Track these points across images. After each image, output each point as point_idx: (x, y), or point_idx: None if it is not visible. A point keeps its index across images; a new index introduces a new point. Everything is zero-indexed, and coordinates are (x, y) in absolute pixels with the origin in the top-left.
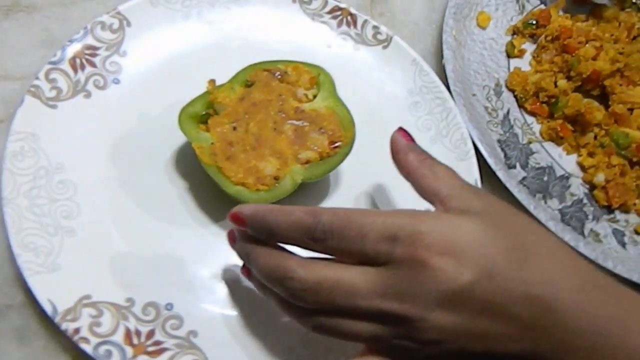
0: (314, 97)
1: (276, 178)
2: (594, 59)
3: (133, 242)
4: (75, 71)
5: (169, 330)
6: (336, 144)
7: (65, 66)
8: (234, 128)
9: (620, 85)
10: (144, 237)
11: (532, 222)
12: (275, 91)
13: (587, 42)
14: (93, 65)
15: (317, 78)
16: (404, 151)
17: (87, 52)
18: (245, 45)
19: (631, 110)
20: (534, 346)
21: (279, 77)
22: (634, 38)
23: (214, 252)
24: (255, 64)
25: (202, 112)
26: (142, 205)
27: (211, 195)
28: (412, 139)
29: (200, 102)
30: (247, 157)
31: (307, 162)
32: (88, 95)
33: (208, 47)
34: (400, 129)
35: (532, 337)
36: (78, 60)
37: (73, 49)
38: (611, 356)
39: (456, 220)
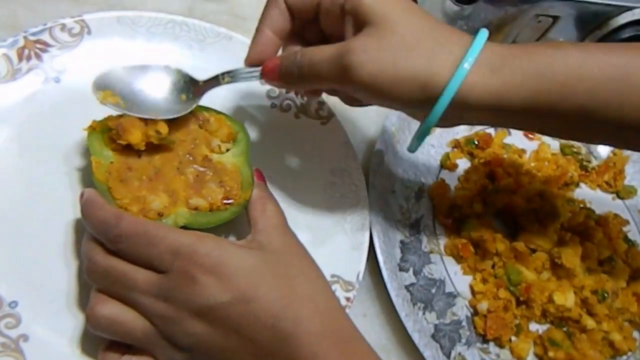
0: (227, 150)
1: (160, 214)
2: (513, 192)
3: (7, 234)
4: (20, 59)
5: (2, 328)
6: (229, 201)
7: (12, 52)
8: (139, 155)
9: (533, 224)
10: (21, 232)
11: (311, 269)
12: (192, 134)
13: (517, 176)
14: (39, 59)
15: (236, 135)
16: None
17: (38, 46)
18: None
19: (534, 251)
20: None
21: (200, 122)
22: (567, 185)
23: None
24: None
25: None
26: (28, 195)
27: None
28: (264, 180)
29: (116, 120)
30: (140, 185)
31: (196, 209)
32: (23, 85)
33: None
34: (257, 170)
35: (267, 358)
36: (26, 51)
37: (26, 39)
38: None
39: (235, 249)
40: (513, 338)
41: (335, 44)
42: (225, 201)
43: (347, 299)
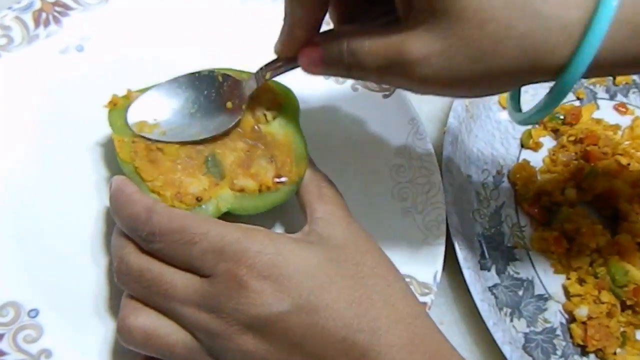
0: (274, 119)
1: (199, 199)
2: (615, 176)
3: (21, 232)
4: (37, 25)
5: (20, 342)
6: (281, 179)
7: (27, 16)
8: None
9: (637, 213)
10: (36, 228)
11: (387, 267)
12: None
13: (613, 156)
14: (59, 24)
15: (282, 102)
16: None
17: (57, 9)
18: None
19: None
20: None
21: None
22: None
23: (111, 264)
24: (220, 69)
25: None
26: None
27: None
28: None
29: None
30: (174, 166)
31: (242, 190)
32: (40, 54)
33: (191, 35)
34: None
35: None
36: (44, 15)
37: (43, 1)
38: None
39: (292, 245)
40: (618, 350)
41: (390, 31)
42: (276, 179)
43: (424, 304)
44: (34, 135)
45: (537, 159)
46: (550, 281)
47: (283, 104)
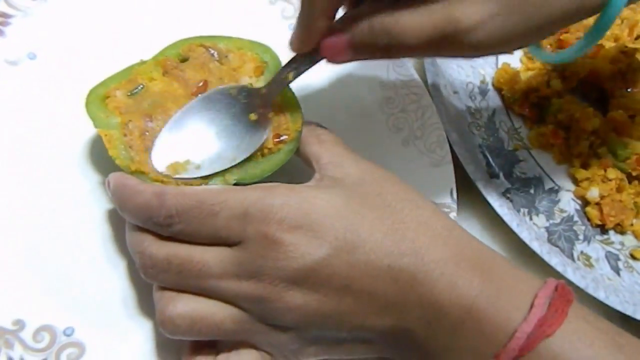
0: (258, 80)
1: (204, 177)
2: (593, 57)
3: (30, 250)
4: None
5: None
6: (281, 138)
7: None
8: (155, 113)
9: (621, 89)
10: (44, 245)
11: (408, 191)
12: (215, 73)
13: None
14: (2, 35)
15: (265, 64)
16: None
17: None
18: (193, 20)
19: (632, 117)
20: (400, 321)
21: (218, 59)
22: (637, 37)
23: (131, 262)
24: (190, 38)
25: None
26: (44, 206)
27: None
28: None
29: (115, 82)
30: None
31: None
32: None
33: (146, 18)
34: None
35: (398, 312)
36: None
37: None
38: (478, 332)
39: (316, 191)
40: (634, 220)
41: (429, 2)
42: (277, 140)
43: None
44: (9, 156)
45: (514, 60)
46: (557, 173)
47: (265, 62)
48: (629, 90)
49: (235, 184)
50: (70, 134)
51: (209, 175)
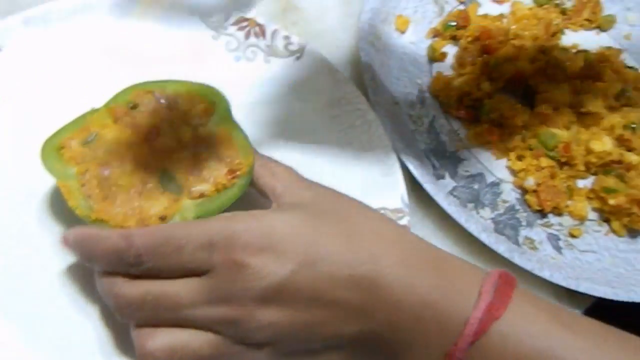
0: (209, 120)
1: (163, 218)
2: (515, 59)
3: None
4: None
5: None
6: (234, 174)
7: None
8: (110, 160)
9: (544, 83)
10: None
11: (359, 206)
12: (165, 118)
13: (508, 41)
14: None
15: (213, 105)
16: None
17: None
18: (140, 63)
19: (557, 109)
20: (366, 325)
21: (166, 104)
22: (553, 35)
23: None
24: (138, 85)
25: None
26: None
27: None
28: None
29: (68, 132)
30: (131, 196)
31: (201, 195)
32: None
33: (95, 66)
34: None
35: (363, 317)
36: None
37: None
38: (436, 324)
39: (273, 214)
40: (569, 202)
41: None
42: (231, 176)
43: (403, 226)
44: None
45: (446, 67)
46: (496, 167)
47: (214, 103)
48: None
49: None
50: (26, 185)
51: (167, 217)
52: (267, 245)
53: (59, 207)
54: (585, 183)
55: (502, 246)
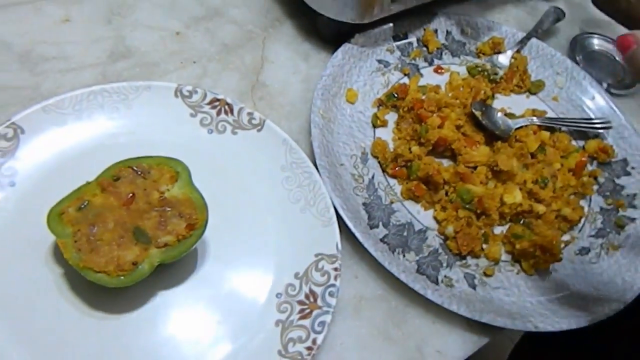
0: (173, 186)
1: (134, 263)
2: (440, 126)
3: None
4: None
5: None
6: (193, 227)
7: None
8: (97, 221)
9: (465, 147)
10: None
11: None
12: (140, 186)
13: (439, 109)
14: None
15: (178, 174)
16: None
17: None
18: (133, 142)
19: (475, 168)
20: None
21: (142, 174)
22: (484, 101)
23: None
24: (120, 162)
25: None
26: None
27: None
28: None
29: (68, 201)
30: (111, 248)
31: (165, 245)
32: None
33: (97, 146)
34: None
35: None
36: None
37: None
38: None
39: None
40: (484, 246)
41: None
42: (189, 228)
43: (335, 269)
44: None
45: (387, 132)
46: (424, 217)
47: (177, 172)
48: (471, 147)
49: (158, 265)
50: (37, 239)
51: (138, 262)
52: None
53: (59, 254)
54: (502, 229)
55: (417, 284)
